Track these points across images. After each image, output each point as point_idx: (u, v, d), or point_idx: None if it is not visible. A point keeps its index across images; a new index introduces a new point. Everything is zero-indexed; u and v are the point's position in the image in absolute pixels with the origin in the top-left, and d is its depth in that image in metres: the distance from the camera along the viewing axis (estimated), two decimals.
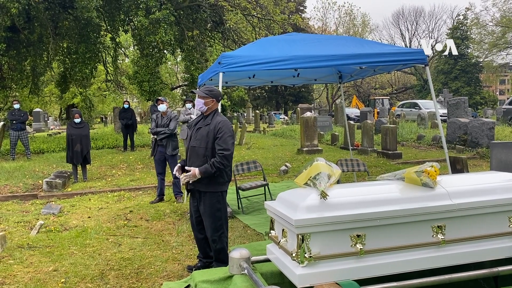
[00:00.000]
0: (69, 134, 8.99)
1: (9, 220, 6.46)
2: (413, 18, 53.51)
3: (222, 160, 3.83)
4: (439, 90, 35.34)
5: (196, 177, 3.82)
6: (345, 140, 13.81)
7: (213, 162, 3.82)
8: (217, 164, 3.82)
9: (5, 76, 17.37)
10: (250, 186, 6.80)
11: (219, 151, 3.84)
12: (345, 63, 6.16)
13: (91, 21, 14.10)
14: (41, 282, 4.06)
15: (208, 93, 4.05)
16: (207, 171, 3.81)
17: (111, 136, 16.99)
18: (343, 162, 6.93)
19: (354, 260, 2.61)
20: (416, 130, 17.88)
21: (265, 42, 7.04)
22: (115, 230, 5.83)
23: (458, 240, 2.80)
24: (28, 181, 9.03)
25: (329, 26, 53.61)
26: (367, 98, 46.24)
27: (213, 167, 3.81)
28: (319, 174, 2.80)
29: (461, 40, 40.56)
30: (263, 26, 18.74)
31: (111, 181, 9.27)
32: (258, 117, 25.60)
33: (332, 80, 9.20)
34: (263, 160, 11.52)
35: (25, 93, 21.66)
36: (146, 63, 15.83)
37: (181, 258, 4.66)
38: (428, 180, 2.83)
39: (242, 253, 2.93)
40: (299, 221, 2.51)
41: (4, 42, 13.32)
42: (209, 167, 3.82)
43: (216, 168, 3.82)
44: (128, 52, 29.34)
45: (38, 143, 14.95)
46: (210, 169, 3.81)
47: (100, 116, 39.74)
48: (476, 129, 12.89)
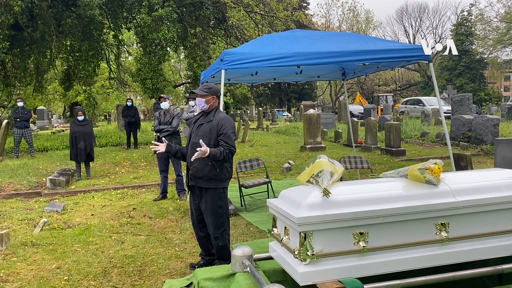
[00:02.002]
0: (72, 131, 9.01)
1: (12, 217, 6.49)
2: (417, 14, 53.31)
3: (229, 153, 3.87)
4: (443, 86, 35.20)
5: (205, 154, 3.72)
6: (349, 137, 13.78)
7: (223, 150, 3.83)
8: (224, 154, 3.83)
9: (9, 74, 17.41)
10: (253, 183, 6.80)
11: (227, 145, 3.87)
12: (348, 59, 6.13)
13: (94, 19, 14.10)
14: (44, 280, 4.07)
15: (208, 91, 4.06)
16: (216, 154, 3.78)
17: (115, 134, 17.02)
18: (346, 160, 6.91)
19: (357, 258, 2.59)
20: (420, 127, 17.81)
21: (267, 39, 7.01)
22: (118, 227, 5.84)
23: (462, 238, 2.78)
24: (31, 179, 9.05)
25: (332, 23, 53.45)
26: (371, 95, 46.08)
27: (222, 154, 3.81)
28: (321, 172, 2.78)
29: (466, 37, 40.36)
30: (266, 23, 18.67)
31: (114, 179, 9.28)
32: (261, 114, 25.58)
33: (335, 77, 9.16)
34: (266, 157, 11.50)
35: (29, 91, 21.75)
36: (149, 61, 15.82)
37: (184, 256, 4.66)
38: (432, 178, 2.81)
39: (245, 251, 2.92)
40: (301, 219, 2.50)
41: (8, 40, 13.34)
42: (218, 152, 3.80)
43: (223, 157, 3.82)
44: (131, 50, 29.36)
45: (42, 141, 15.00)
46: (219, 154, 3.80)
47: (104, 114, 39.84)
48: (480, 126, 12.82)
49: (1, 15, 12.97)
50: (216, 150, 3.81)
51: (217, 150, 3.81)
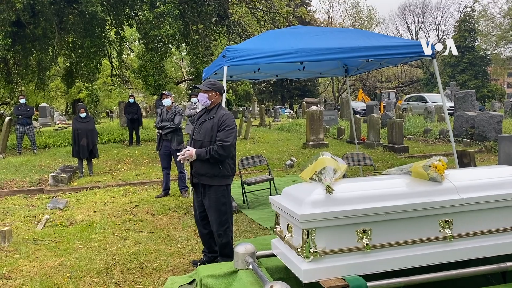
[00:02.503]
0: (74, 128, 9.01)
1: (15, 214, 6.50)
2: (420, 10, 53.00)
3: (219, 149, 3.83)
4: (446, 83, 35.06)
5: (192, 157, 3.89)
6: (351, 134, 13.75)
7: (210, 148, 3.85)
8: (212, 152, 3.83)
9: (11, 71, 17.43)
10: (255, 180, 6.78)
11: (218, 141, 3.86)
12: (351, 56, 6.09)
13: (96, 16, 14.08)
14: (47, 277, 4.08)
15: (211, 87, 4.03)
16: (201, 154, 3.86)
17: (117, 131, 17.03)
18: (349, 156, 6.89)
19: (360, 255, 2.58)
20: (423, 123, 17.76)
21: (270, 35, 6.98)
22: (120, 224, 5.84)
23: (465, 235, 2.76)
24: (34, 176, 9.07)
25: (334, 19, 53.23)
26: (373, 91, 45.96)
27: (207, 153, 3.84)
28: (324, 169, 2.77)
29: (469, 33, 40.16)
30: (268, 19, 18.62)
31: (116, 176, 9.29)
32: (263, 111, 25.55)
33: (338, 73, 9.12)
34: (269, 154, 11.49)
35: (31, 88, 21.74)
36: (151, 57, 15.80)
37: (186, 253, 4.66)
38: (436, 175, 2.79)
39: (247, 248, 2.91)
40: (304, 216, 2.48)
41: (10, 37, 13.35)
42: (204, 151, 3.85)
43: (210, 156, 3.83)
44: (133, 47, 29.32)
45: (44, 138, 15.01)
46: (205, 153, 3.84)
47: (106, 110, 39.86)
48: (483, 123, 12.77)
49: (3, 12, 12.97)
50: (203, 150, 3.87)
51: (203, 150, 3.87)
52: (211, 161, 3.88)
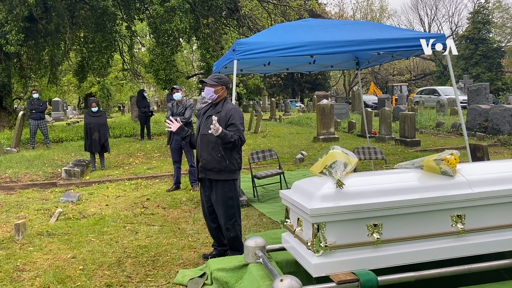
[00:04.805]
0: (86, 123, 9.09)
1: (29, 207, 6.59)
2: (433, 2, 52.47)
3: (239, 140, 3.80)
4: (459, 76, 34.58)
5: (218, 131, 3.65)
6: (362, 128, 13.65)
7: (233, 134, 3.78)
8: (235, 137, 3.76)
9: (24, 66, 17.62)
10: (265, 174, 6.78)
11: (237, 133, 3.82)
12: (362, 48, 6.01)
13: (107, 10, 14.15)
14: (60, 269, 4.13)
15: (218, 81, 4.02)
16: (227, 135, 3.72)
17: (128, 125, 17.14)
18: (360, 150, 6.85)
19: (371, 249, 2.57)
20: (435, 117, 17.56)
21: (280, 28, 6.92)
22: (132, 218, 5.89)
23: (478, 230, 2.73)
24: (47, 170, 9.18)
25: (346, 12, 52.81)
26: (385, 84, 45.55)
27: (233, 137, 3.75)
28: (335, 163, 2.75)
29: (483, 25, 39.46)
30: (278, 12, 18.52)
31: (128, 170, 9.36)
32: (274, 105, 25.48)
33: (349, 66, 9.04)
34: (279, 148, 11.47)
35: (44, 82, 21.98)
36: (161, 52, 15.84)
37: (197, 246, 4.68)
38: (448, 168, 2.76)
39: (258, 242, 2.92)
40: (314, 210, 2.48)
41: (23, 32, 13.47)
42: (229, 134, 3.74)
43: (234, 139, 3.75)
44: (144, 41, 29.44)
45: (57, 132, 15.17)
46: (230, 136, 3.74)
47: (118, 105, 40.15)
48: (497, 116, 12.59)
49: (16, 7, 13.10)
50: (228, 132, 3.76)
51: (228, 132, 3.76)
52: (229, 151, 3.85)
